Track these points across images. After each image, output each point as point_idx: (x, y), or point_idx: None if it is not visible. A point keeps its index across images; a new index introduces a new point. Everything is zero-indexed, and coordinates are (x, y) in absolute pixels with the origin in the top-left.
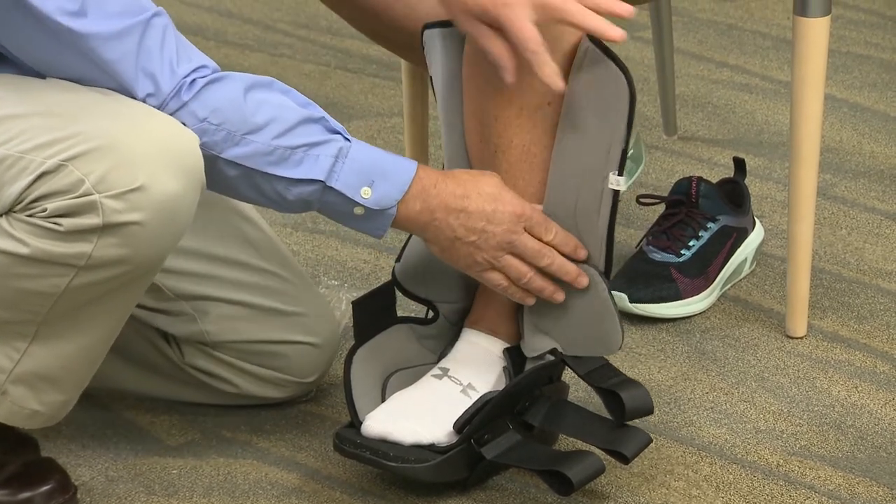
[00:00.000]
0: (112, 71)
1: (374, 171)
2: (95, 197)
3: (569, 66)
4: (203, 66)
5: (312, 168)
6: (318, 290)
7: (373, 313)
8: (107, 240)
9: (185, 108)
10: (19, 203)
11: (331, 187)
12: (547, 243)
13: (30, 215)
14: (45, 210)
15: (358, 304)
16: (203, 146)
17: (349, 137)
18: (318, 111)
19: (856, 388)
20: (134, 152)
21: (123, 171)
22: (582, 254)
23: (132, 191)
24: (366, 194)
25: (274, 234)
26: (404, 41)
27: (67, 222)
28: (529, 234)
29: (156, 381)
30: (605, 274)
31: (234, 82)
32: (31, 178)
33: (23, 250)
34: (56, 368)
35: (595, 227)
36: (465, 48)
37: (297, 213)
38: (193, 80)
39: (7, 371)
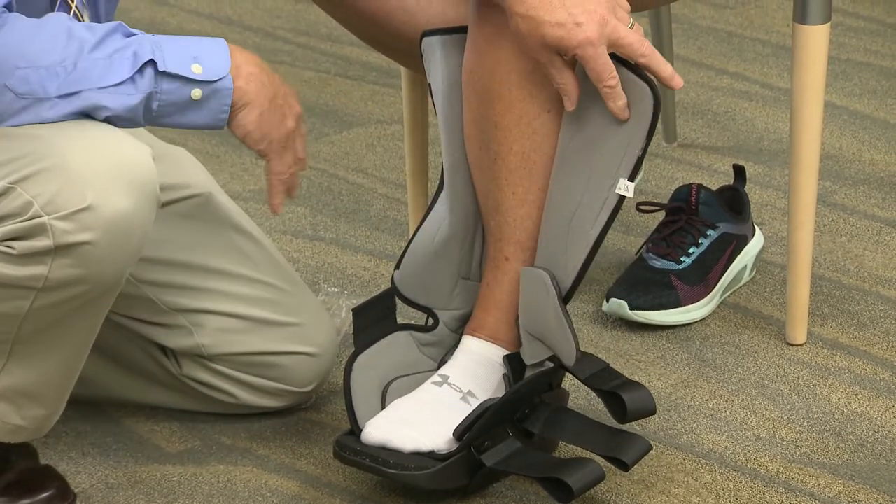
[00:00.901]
0: None
1: (192, 51)
2: (45, 219)
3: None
4: None
5: (136, 60)
6: (316, 298)
7: (373, 320)
8: (61, 261)
9: None
10: None
11: (163, 71)
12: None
13: None
14: None
15: (358, 312)
16: (29, 95)
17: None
18: (109, 25)
19: (856, 395)
20: (82, 171)
21: (71, 190)
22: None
23: (80, 210)
24: (197, 70)
25: (270, 244)
26: (404, 48)
27: (20, 245)
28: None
29: (155, 391)
30: (576, 282)
31: (22, 19)
32: None
33: None
34: (35, 384)
35: (586, 236)
36: (465, 55)
37: (140, 124)
38: None
39: None
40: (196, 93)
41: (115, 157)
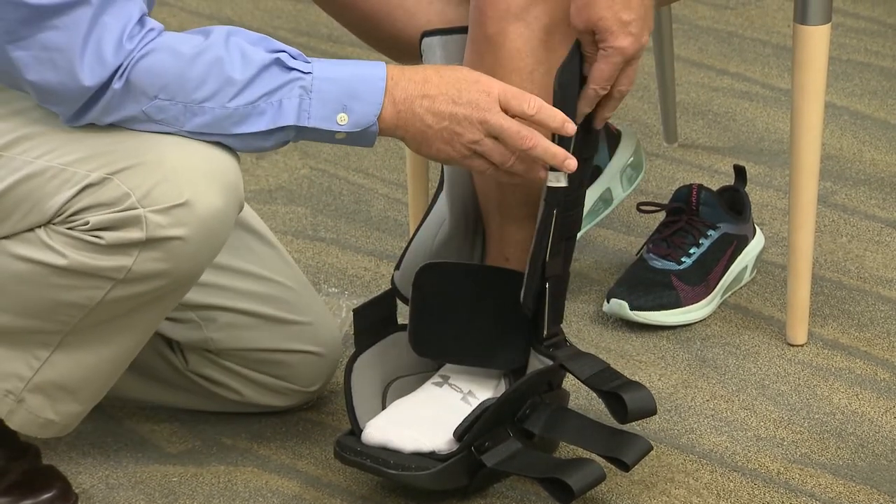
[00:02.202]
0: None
1: (345, 96)
2: (140, 211)
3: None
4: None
5: (279, 116)
6: (322, 299)
7: (373, 321)
8: (148, 254)
9: (129, 87)
10: (60, 215)
11: (304, 126)
12: (530, 119)
13: (70, 227)
14: (87, 223)
15: (359, 312)
16: (162, 123)
17: (309, 64)
18: (272, 45)
19: (856, 395)
20: (179, 168)
21: (169, 186)
22: (570, 129)
23: (177, 206)
24: (342, 121)
25: (279, 244)
26: (404, 48)
27: (110, 235)
28: (508, 111)
29: (159, 389)
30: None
31: (172, 49)
32: (74, 189)
33: (60, 261)
34: (76, 379)
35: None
36: (465, 55)
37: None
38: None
39: (26, 379)
40: (339, 135)
41: (208, 157)
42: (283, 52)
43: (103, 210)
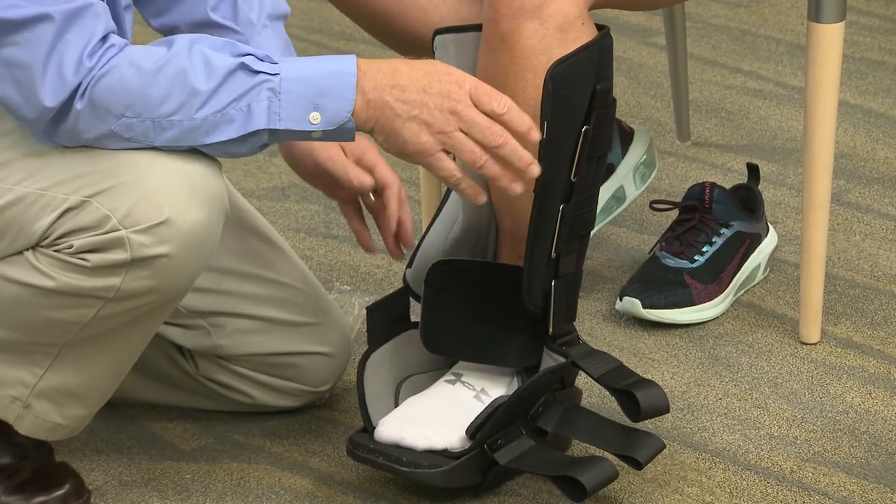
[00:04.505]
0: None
1: (315, 94)
2: (123, 233)
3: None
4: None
5: (249, 121)
6: (331, 297)
7: (386, 319)
8: (135, 273)
9: (93, 106)
10: (45, 238)
11: (276, 129)
12: (499, 118)
13: (56, 250)
14: (71, 246)
15: (372, 310)
16: (133, 140)
17: (276, 65)
18: (238, 49)
19: (870, 394)
20: (157, 185)
21: (148, 204)
22: (535, 135)
23: (158, 224)
24: (315, 120)
25: (286, 244)
26: (418, 46)
27: (95, 258)
28: (478, 106)
29: (170, 391)
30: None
31: (134, 65)
32: (55, 214)
33: (48, 283)
34: (79, 384)
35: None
36: (479, 54)
37: (255, 153)
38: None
39: (30, 386)
40: (315, 134)
41: (187, 171)
42: (249, 55)
43: (85, 234)
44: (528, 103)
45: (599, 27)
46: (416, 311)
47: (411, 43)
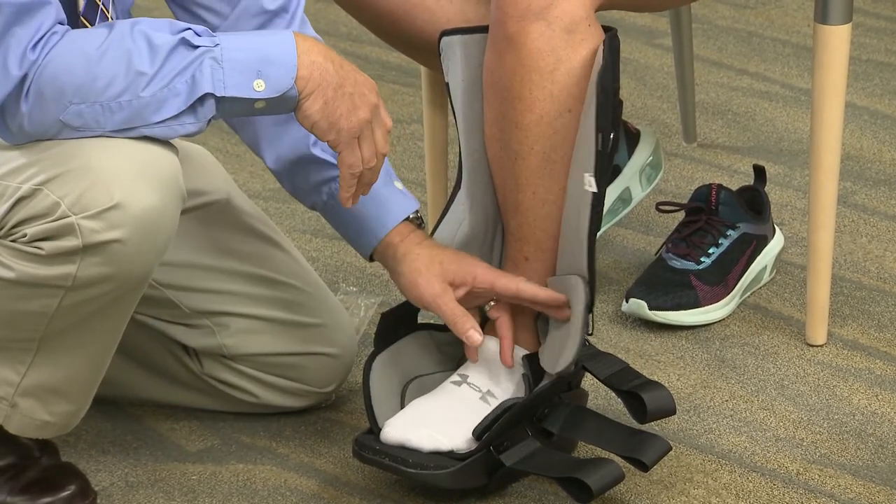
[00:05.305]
0: None
1: (258, 62)
2: (73, 219)
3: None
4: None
5: (194, 89)
6: (336, 298)
7: (394, 321)
8: (89, 259)
9: (41, 97)
10: (1, 228)
11: (222, 97)
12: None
13: (13, 240)
14: (25, 235)
15: (386, 316)
16: (84, 129)
17: (215, 37)
18: (177, 26)
19: (876, 396)
20: (107, 170)
21: (98, 190)
22: (376, 163)
23: (108, 209)
24: (259, 87)
25: (289, 244)
26: (424, 47)
27: (48, 246)
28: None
29: (176, 390)
30: (590, 284)
31: (77, 50)
32: (8, 204)
33: (9, 275)
34: (61, 380)
35: (578, 232)
36: (486, 55)
37: (203, 129)
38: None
39: (14, 384)
40: (259, 104)
41: (139, 155)
42: (188, 30)
43: (38, 222)
44: (535, 105)
45: (606, 29)
46: (421, 313)
47: (418, 44)
